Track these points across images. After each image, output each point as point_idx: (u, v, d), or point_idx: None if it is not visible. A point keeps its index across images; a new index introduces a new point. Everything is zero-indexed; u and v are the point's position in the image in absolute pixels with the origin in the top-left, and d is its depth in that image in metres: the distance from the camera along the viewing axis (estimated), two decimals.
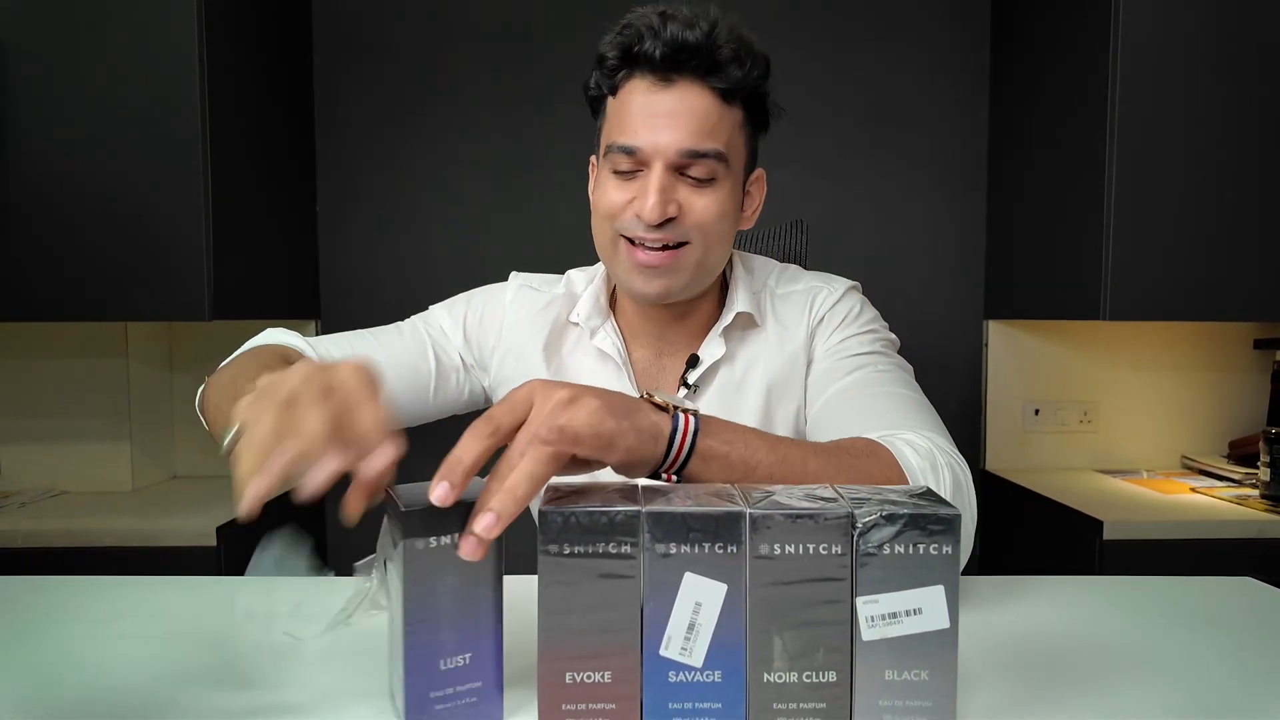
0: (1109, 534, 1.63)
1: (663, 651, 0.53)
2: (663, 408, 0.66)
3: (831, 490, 0.57)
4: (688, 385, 1.02)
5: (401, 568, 0.54)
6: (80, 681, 0.65)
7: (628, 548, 0.53)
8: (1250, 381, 2.16)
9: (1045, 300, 1.95)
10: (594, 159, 1.03)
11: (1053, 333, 2.16)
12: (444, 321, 1.09)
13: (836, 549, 0.52)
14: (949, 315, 2.19)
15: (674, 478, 0.67)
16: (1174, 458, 2.16)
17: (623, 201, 0.93)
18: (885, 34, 2.14)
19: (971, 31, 2.15)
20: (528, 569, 0.58)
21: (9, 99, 1.63)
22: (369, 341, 1.05)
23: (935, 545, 0.52)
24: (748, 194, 1.02)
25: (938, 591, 0.52)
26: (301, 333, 1.02)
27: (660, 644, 0.53)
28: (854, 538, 0.52)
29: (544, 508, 0.53)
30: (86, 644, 0.72)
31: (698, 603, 0.53)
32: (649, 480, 0.65)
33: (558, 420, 0.57)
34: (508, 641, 0.57)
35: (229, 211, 1.72)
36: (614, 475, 0.64)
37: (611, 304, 1.07)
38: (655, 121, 0.91)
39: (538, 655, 0.53)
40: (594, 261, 1.07)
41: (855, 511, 0.53)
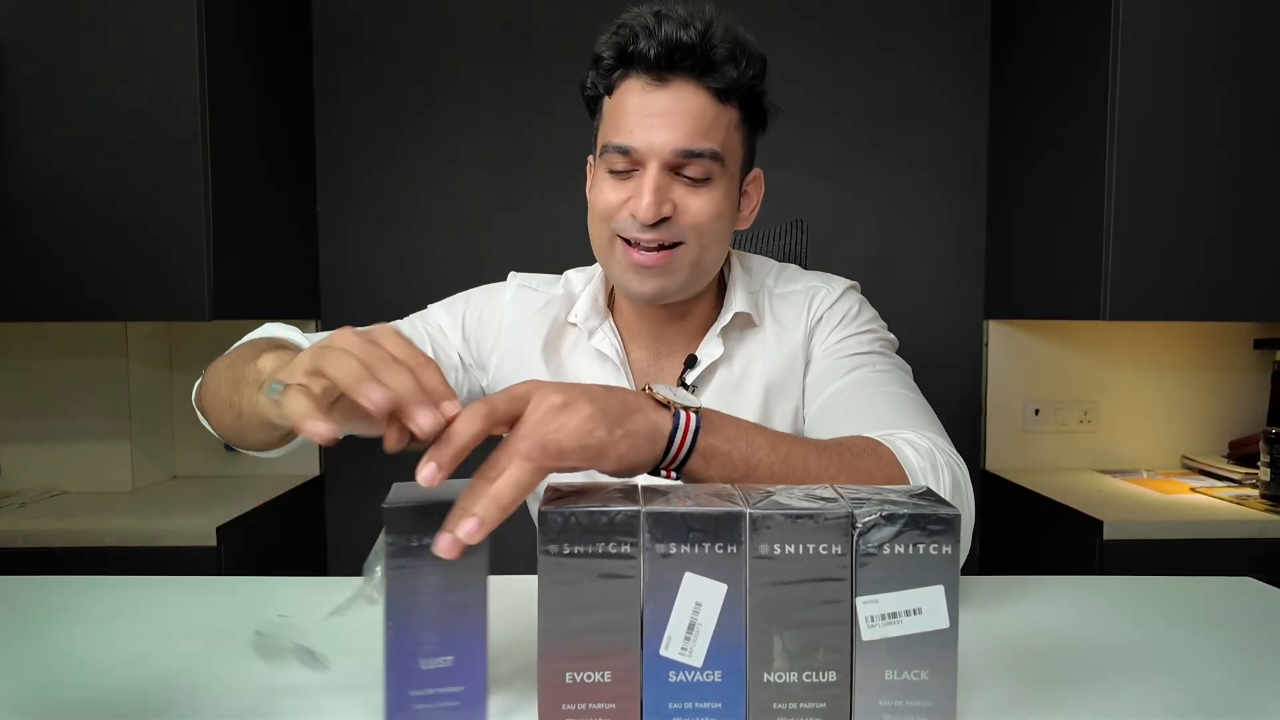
0: (1109, 534, 1.63)
1: (663, 651, 0.53)
2: (664, 404, 0.66)
3: (831, 490, 0.57)
4: (686, 386, 1.02)
5: (384, 563, 0.54)
6: (80, 681, 0.65)
7: (628, 548, 0.53)
8: (1250, 381, 2.16)
9: (1045, 300, 1.95)
10: (591, 159, 1.03)
11: (1053, 333, 2.16)
12: (443, 321, 1.09)
13: (836, 549, 0.52)
14: (949, 315, 2.19)
15: (674, 474, 0.67)
16: (1174, 458, 2.16)
17: (618, 201, 0.93)
18: (885, 34, 2.14)
19: (971, 31, 2.15)
20: (528, 569, 0.58)
21: (9, 99, 1.63)
22: None
23: (935, 545, 0.52)
24: (745, 194, 1.02)
25: (938, 591, 0.52)
26: (301, 332, 1.02)
27: (660, 644, 0.53)
28: (854, 538, 0.52)
29: (544, 508, 0.53)
30: (86, 644, 0.72)
31: (698, 603, 0.53)
32: (649, 479, 0.65)
33: (546, 431, 0.57)
34: (507, 641, 0.57)
35: (229, 211, 1.72)
36: None
37: (610, 304, 1.07)
38: (650, 121, 0.90)
39: (538, 655, 0.53)
40: (593, 262, 1.07)
41: (855, 511, 0.53)
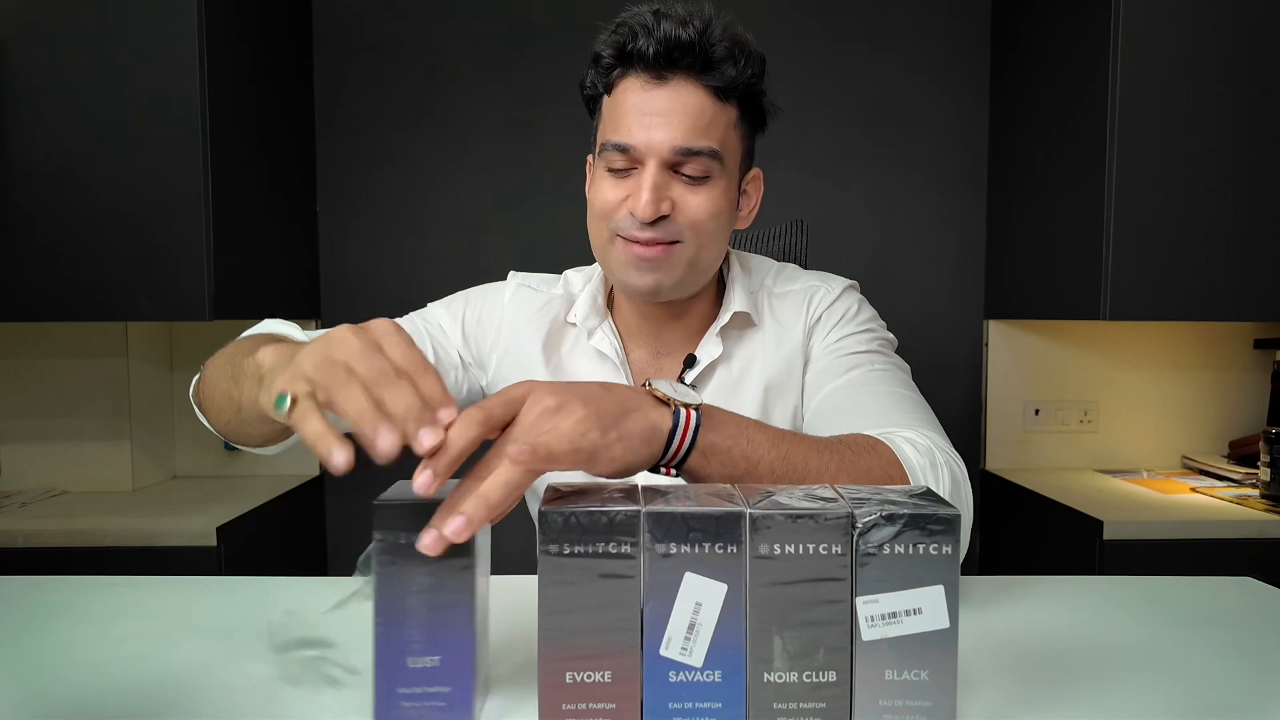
0: (1109, 534, 1.63)
1: (663, 651, 0.53)
2: (664, 401, 0.66)
3: (831, 490, 0.57)
4: (685, 384, 1.02)
5: (373, 560, 0.55)
6: (80, 681, 0.65)
7: (628, 548, 0.53)
8: (1250, 381, 2.16)
9: (1045, 300, 1.95)
10: (590, 158, 1.03)
11: (1053, 333, 2.16)
12: (443, 319, 1.09)
13: (836, 549, 0.52)
14: (949, 315, 2.19)
15: (673, 471, 0.67)
16: (1174, 458, 2.16)
17: (617, 199, 0.93)
18: (885, 34, 2.14)
19: (971, 31, 2.15)
20: (528, 569, 0.58)
21: (9, 99, 1.63)
22: None
23: (935, 545, 0.52)
24: (744, 193, 1.02)
25: (938, 591, 0.52)
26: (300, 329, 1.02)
27: (660, 644, 0.53)
28: (854, 538, 0.52)
29: (544, 508, 0.53)
30: (86, 644, 0.72)
31: (698, 603, 0.53)
32: (649, 477, 0.65)
33: (538, 434, 0.57)
34: (507, 641, 0.57)
35: (229, 211, 1.72)
36: None
37: (609, 305, 1.07)
38: (649, 119, 0.91)
39: (538, 655, 0.53)
40: (593, 262, 1.07)
41: (855, 511, 0.53)
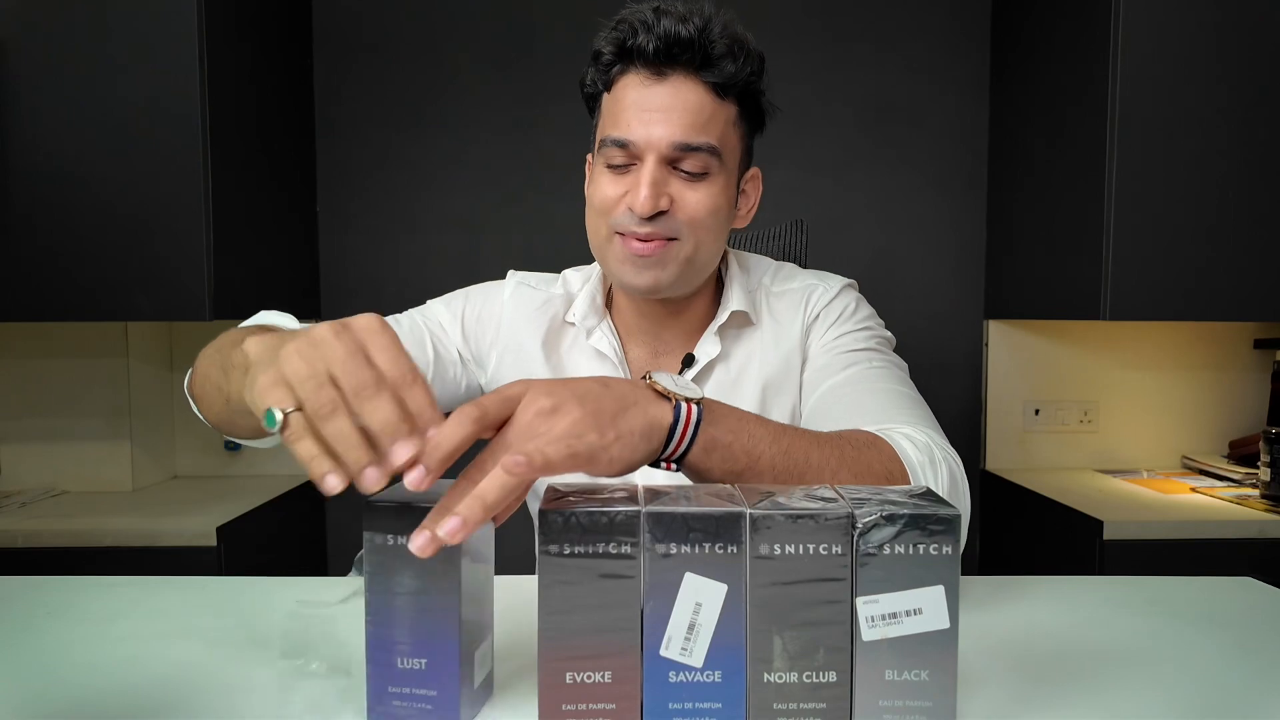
0: (1109, 534, 1.63)
1: (663, 651, 0.53)
2: (665, 395, 0.65)
3: (832, 490, 0.57)
4: None
5: (365, 559, 0.55)
6: (80, 681, 0.65)
7: (628, 548, 0.53)
8: (1250, 381, 2.16)
9: (1045, 300, 1.95)
10: (590, 157, 1.03)
11: (1053, 333, 2.16)
12: (442, 316, 1.09)
13: (837, 549, 0.52)
14: (949, 315, 2.19)
15: (674, 466, 0.67)
16: (1174, 458, 2.16)
17: (616, 196, 0.94)
18: (885, 34, 2.13)
19: (971, 31, 2.15)
20: (528, 569, 0.58)
21: (9, 99, 1.63)
22: None
23: (935, 545, 0.52)
24: (743, 192, 1.02)
25: (938, 591, 0.52)
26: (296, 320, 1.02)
27: (660, 644, 0.53)
28: (854, 538, 0.52)
29: (544, 508, 0.53)
30: (86, 644, 0.72)
31: (698, 603, 0.53)
32: (649, 471, 0.65)
33: (531, 438, 0.56)
34: (507, 641, 0.57)
35: (229, 211, 1.72)
36: None
37: (608, 304, 1.07)
38: (648, 115, 0.91)
39: (538, 655, 0.53)
40: (592, 262, 1.07)
41: (855, 512, 0.53)
